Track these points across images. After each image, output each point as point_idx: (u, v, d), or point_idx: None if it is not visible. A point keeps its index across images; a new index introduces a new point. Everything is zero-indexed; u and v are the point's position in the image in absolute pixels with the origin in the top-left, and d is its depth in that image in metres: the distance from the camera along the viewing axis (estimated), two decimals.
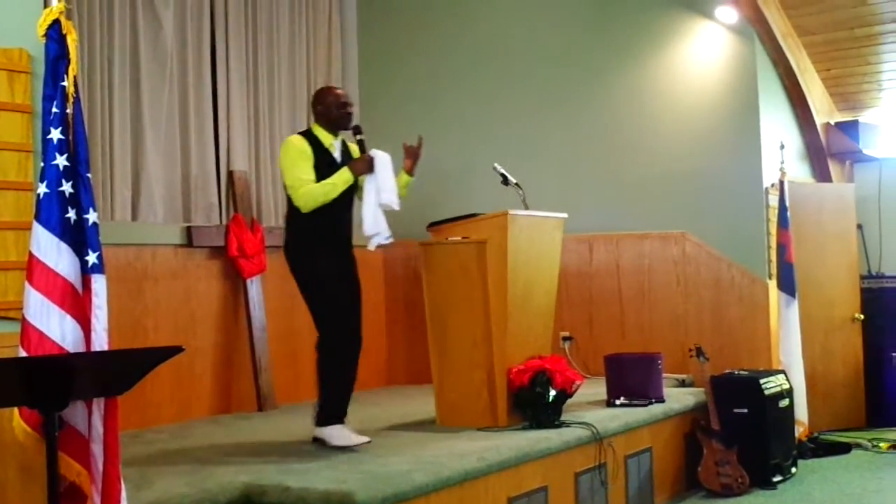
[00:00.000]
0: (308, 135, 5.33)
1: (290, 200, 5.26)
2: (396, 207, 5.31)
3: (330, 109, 5.36)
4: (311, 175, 5.17)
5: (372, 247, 5.34)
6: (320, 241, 5.25)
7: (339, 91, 5.51)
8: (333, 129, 5.37)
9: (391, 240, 5.37)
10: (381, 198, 5.25)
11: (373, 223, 5.27)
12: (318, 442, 5.19)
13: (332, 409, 5.22)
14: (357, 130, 5.43)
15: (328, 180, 5.17)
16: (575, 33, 8.07)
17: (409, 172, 5.56)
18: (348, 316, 5.30)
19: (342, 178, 5.19)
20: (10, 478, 3.37)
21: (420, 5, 8.63)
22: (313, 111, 5.46)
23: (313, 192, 5.14)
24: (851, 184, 8.63)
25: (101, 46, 6.46)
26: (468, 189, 7.85)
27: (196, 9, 7.13)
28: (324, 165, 5.23)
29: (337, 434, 5.14)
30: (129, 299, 6.16)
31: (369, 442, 5.15)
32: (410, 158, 5.57)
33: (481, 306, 5.66)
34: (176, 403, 6.42)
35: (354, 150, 5.44)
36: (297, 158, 5.19)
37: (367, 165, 5.25)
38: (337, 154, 5.35)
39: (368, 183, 5.27)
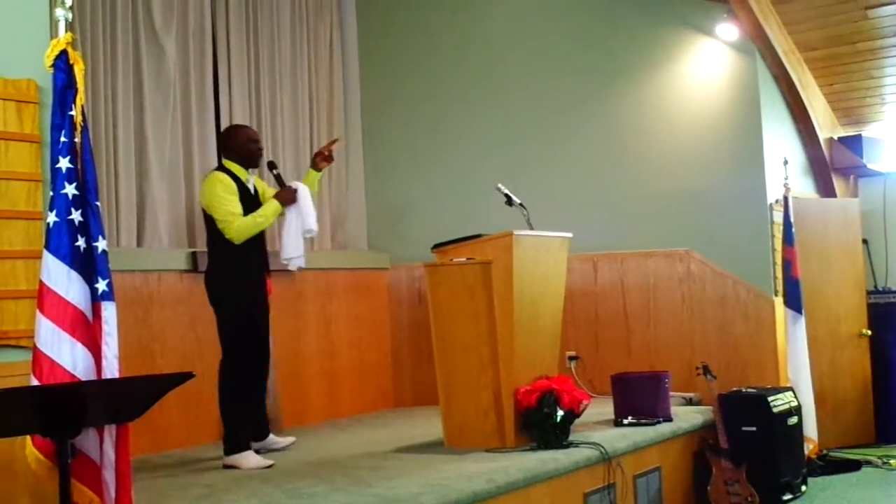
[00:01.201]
0: (226, 171, 5.64)
1: (212, 231, 5.58)
2: (316, 233, 5.97)
3: (244, 146, 5.72)
4: (240, 209, 5.53)
5: (294, 268, 5.90)
6: (245, 267, 5.61)
7: (250, 129, 5.94)
8: (246, 165, 5.74)
9: (303, 264, 5.91)
10: (305, 224, 5.76)
11: (295, 248, 5.78)
12: (230, 468, 5.42)
13: (241, 436, 5.51)
14: (273, 165, 5.94)
15: (259, 212, 5.58)
16: (577, 52, 8.10)
17: (318, 170, 6.00)
18: (262, 340, 5.68)
19: (272, 208, 5.64)
20: None
21: (420, 26, 8.67)
22: (224, 148, 5.83)
23: (246, 226, 5.52)
24: (856, 199, 8.63)
25: (105, 74, 6.49)
26: (472, 210, 7.86)
27: (198, 34, 7.18)
28: (244, 199, 5.60)
29: (245, 460, 5.41)
30: (135, 325, 6.17)
31: (272, 465, 5.39)
32: (325, 161, 6.01)
33: (487, 327, 5.67)
34: (184, 428, 6.42)
35: (260, 184, 5.92)
36: (224, 193, 5.52)
37: (293, 197, 5.73)
38: (251, 188, 5.74)
39: (290, 212, 5.75)
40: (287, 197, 5.72)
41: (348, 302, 7.90)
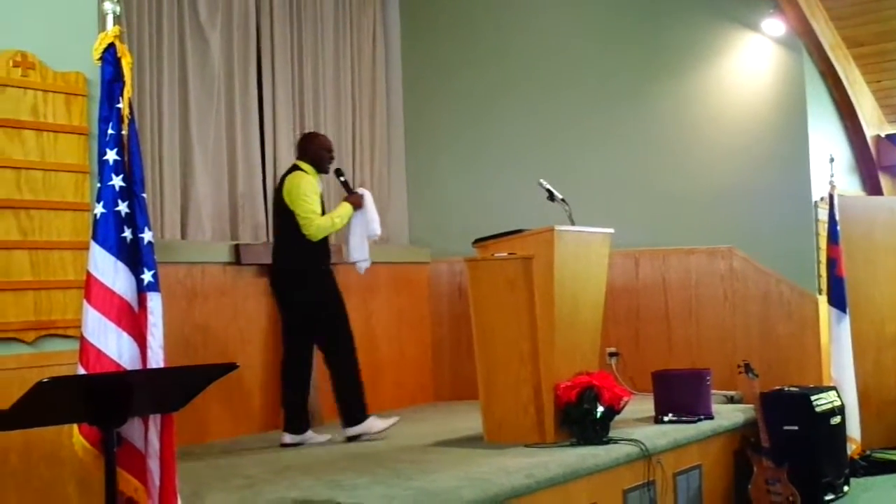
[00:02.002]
0: (303, 171, 6.08)
1: (289, 226, 5.98)
2: (378, 237, 6.31)
3: (320, 153, 6.20)
4: (319, 209, 6.00)
5: (361, 271, 6.26)
6: (325, 257, 6.09)
7: (326, 139, 6.36)
8: (317, 170, 6.19)
9: (368, 265, 6.28)
10: (369, 229, 6.18)
11: (361, 250, 6.18)
12: (354, 439, 5.96)
13: (360, 408, 6.01)
14: (340, 172, 6.35)
15: (335, 213, 6.07)
16: (620, 48, 8.06)
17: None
18: (349, 327, 6.11)
19: (345, 211, 6.10)
20: (70, 493, 3.43)
21: (463, 23, 8.66)
22: (302, 151, 6.24)
23: (325, 225, 5.98)
24: None
25: (151, 67, 6.56)
26: (514, 205, 7.84)
27: (242, 30, 7.23)
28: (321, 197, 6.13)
29: (371, 424, 5.99)
30: (178, 316, 6.23)
31: (398, 421, 6.08)
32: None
33: (528, 322, 5.66)
34: (226, 419, 6.47)
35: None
36: (309, 194, 5.97)
37: (361, 201, 6.16)
38: (320, 190, 6.19)
39: (356, 216, 6.16)
40: (357, 201, 6.15)
41: (389, 296, 7.92)
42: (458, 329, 7.93)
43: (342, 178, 6.32)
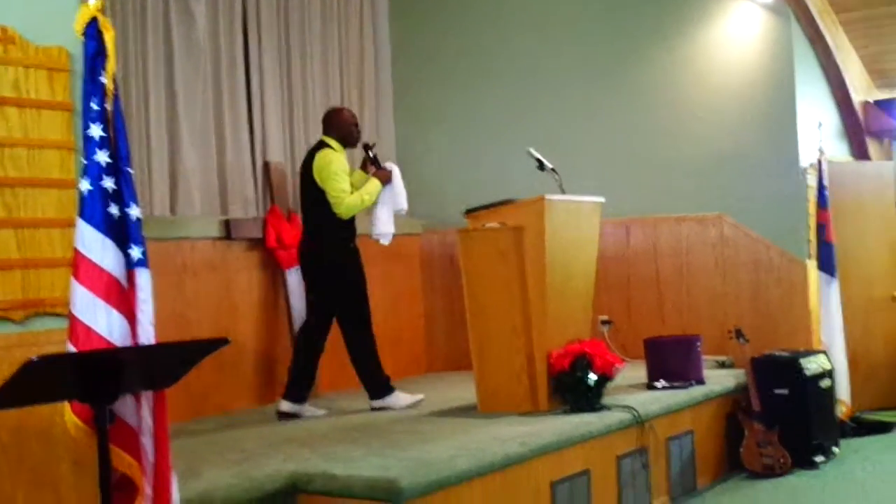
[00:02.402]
0: (331, 148, 6.10)
1: (318, 202, 6.02)
2: (405, 210, 6.31)
3: (347, 128, 6.21)
4: (349, 188, 6.02)
5: (385, 242, 6.27)
6: (353, 234, 6.14)
7: (351, 113, 6.38)
8: (345, 145, 6.21)
9: (391, 238, 6.32)
10: (397, 202, 6.20)
11: (387, 224, 6.22)
12: (379, 410, 6.05)
13: (383, 380, 6.14)
14: (368, 147, 6.34)
15: (364, 190, 6.06)
16: (609, 15, 8.02)
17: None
18: (368, 303, 6.18)
19: (374, 187, 6.11)
20: (63, 471, 3.43)
21: None
22: (328, 126, 6.23)
23: (355, 203, 6.00)
24: (891, 162, 8.53)
25: (135, 42, 6.50)
26: (504, 174, 7.83)
27: (228, 2, 7.17)
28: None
29: (396, 398, 6.11)
30: (169, 293, 6.21)
31: (422, 399, 6.16)
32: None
33: (520, 292, 5.67)
34: (219, 394, 6.47)
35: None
36: (339, 172, 6.00)
37: (389, 176, 6.17)
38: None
39: (385, 192, 6.17)
40: (385, 176, 6.17)
41: (381, 267, 7.89)
42: (451, 300, 7.93)
43: (372, 153, 6.30)
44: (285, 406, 6.04)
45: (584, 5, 8.12)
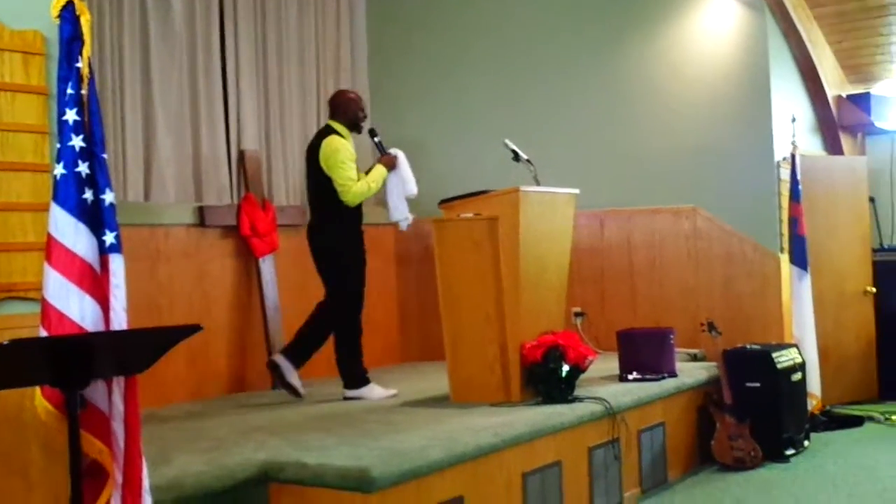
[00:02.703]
0: (338, 134, 6.10)
1: (325, 189, 6.03)
2: (416, 194, 6.30)
3: (355, 112, 6.22)
4: (356, 175, 6.03)
5: (404, 227, 6.35)
6: (355, 221, 6.16)
7: (359, 97, 6.33)
8: (352, 127, 6.22)
9: (411, 220, 6.33)
10: (406, 189, 6.22)
11: (401, 210, 6.25)
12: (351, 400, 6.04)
13: (358, 371, 6.14)
14: (373, 133, 6.35)
15: (370, 178, 6.10)
16: (584, 5, 8.04)
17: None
18: (361, 293, 6.20)
19: (380, 173, 6.15)
20: (33, 456, 3.40)
21: None
22: (334, 111, 6.24)
23: (362, 191, 6.03)
24: (863, 157, 8.61)
25: (111, 27, 6.46)
26: (479, 165, 7.84)
27: None
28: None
29: (370, 390, 6.11)
30: (142, 279, 6.19)
31: (396, 393, 6.11)
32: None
33: (494, 282, 5.68)
34: (190, 382, 6.46)
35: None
36: (346, 160, 6.01)
37: (394, 162, 6.20)
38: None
39: (392, 177, 6.21)
40: (390, 162, 6.20)
41: None
42: (425, 290, 7.91)
43: (377, 139, 6.32)
44: (280, 359, 6.15)
45: None
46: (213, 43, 7.17)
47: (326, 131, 6.16)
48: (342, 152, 6.01)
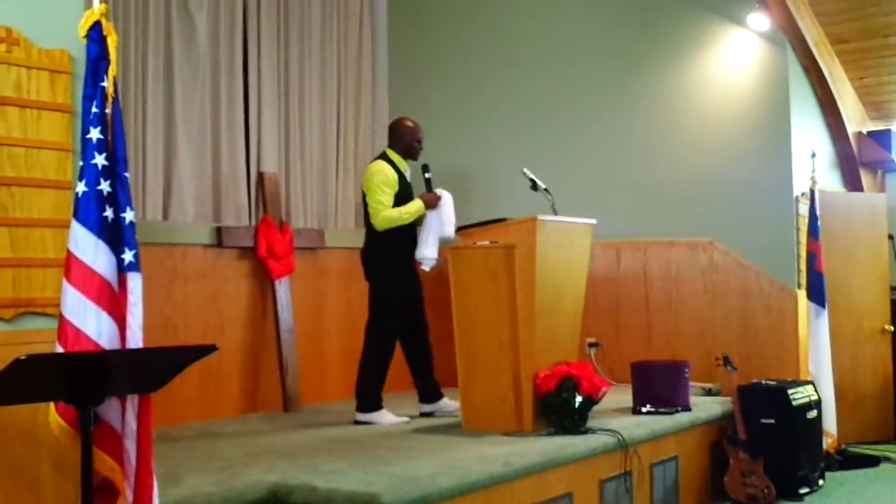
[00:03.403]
0: (389, 161, 6.26)
1: (368, 215, 6.19)
2: (453, 239, 6.22)
3: (410, 142, 6.37)
4: (390, 201, 6.13)
5: (426, 268, 6.26)
6: (398, 245, 6.19)
7: (418, 128, 6.45)
8: (407, 155, 6.37)
9: (435, 263, 6.26)
10: (443, 230, 6.20)
11: (431, 249, 6.19)
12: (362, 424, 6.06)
13: (373, 396, 6.16)
14: (426, 169, 6.36)
15: (404, 209, 6.15)
16: (605, 39, 8.07)
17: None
18: (397, 320, 6.24)
19: (415, 208, 6.19)
20: (45, 472, 3.41)
21: (449, 12, 8.64)
22: (392, 138, 6.42)
23: (392, 218, 6.12)
24: (883, 193, 8.57)
25: (136, 47, 6.51)
26: (497, 194, 7.85)
27: (229, 11, 7.18)
28: (401, 185, 6.23)
29: (381, 416, 6.11)
30: (158, 298, 6.21)
31: (408, 420, 6.11)
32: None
33: (509, 311, 5.67)
34: (203, 402, 6.46)
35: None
36: (382, 185, 6.13)
37: (435, 202, 6.21)
38: (407, 176, 6.35)
39: (431, 215, 6.22)
40: (430, 201, 6.22)
41: None
42: (439, 316, 7.89)
43: (427, 175, 6.34)
44: (425, 409, 6.37)
45: (582, 29, 8.16)
46: (236, 65, 7.22)
47: (378, 156, 6.38)
48: (379, 176, 6.15)
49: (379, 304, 6.24)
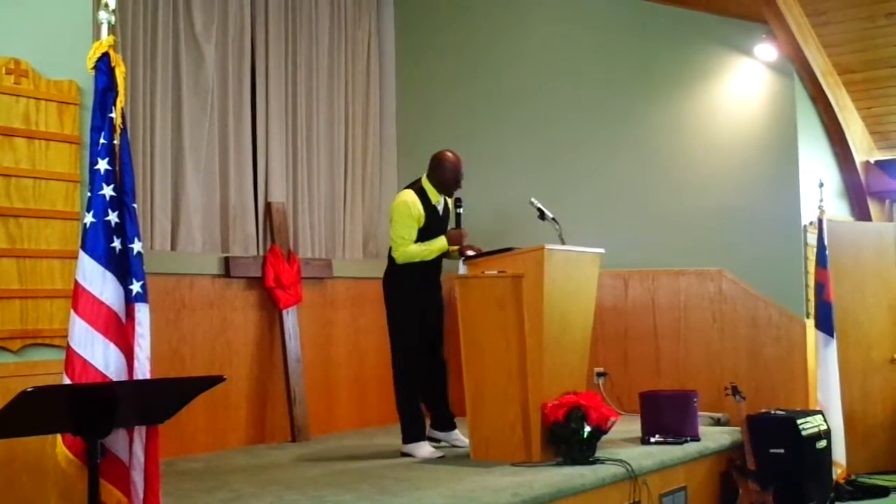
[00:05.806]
0: (420, 191, 6.12)
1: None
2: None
3: (447, 177, 6.19)
4: (413, 235, 6.02)
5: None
6: (419, 274, 6.08)
7: (459, 164, 6.25)
8: (441, 191, 6.19)
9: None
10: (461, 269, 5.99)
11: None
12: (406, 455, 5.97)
13: (410, 428, 6.05)
14: (459, 203, 6.25)
15: (426, 246, 6.04)
16: (614, 69, 8.08)
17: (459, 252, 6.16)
18: (416, 350, 6.10)
19: (438, 245, 6.07)
20: None
21: (458, 39, 8.68)
22: (432, 169, 6.22)
23: (412, 253, 6.02)
24: (891, 223, 8.54)
25: (144, 78, 6.56)
26: (505, 223, 7.85)
27: (237, 43, 7.24)
28: (429, 219, 6.10)
29: (418, 448, 5.98)
30: (166, 328, 6.21)
31: (442, 456, 5.91)
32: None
33: (517, 340, 5.66)
34: (210, 432, 6.44)
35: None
36: (406, 217, 6.02)
37: (460, 240, 6.09)
38: (440, 209, 6.21)
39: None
40: (455, 238, 6.12)
41: (378, 311, 7.84)
42: (447, 346, 7.90)
43: (459, 210, 6.24)
44: (435, 435, 6.25)
45: (590, 60, 8.18)
46: (244, 96, 7.27)
47: (412, 184, 6.25)
48: (402, 208, 6.05)
49: (396, 333, 6.14)
